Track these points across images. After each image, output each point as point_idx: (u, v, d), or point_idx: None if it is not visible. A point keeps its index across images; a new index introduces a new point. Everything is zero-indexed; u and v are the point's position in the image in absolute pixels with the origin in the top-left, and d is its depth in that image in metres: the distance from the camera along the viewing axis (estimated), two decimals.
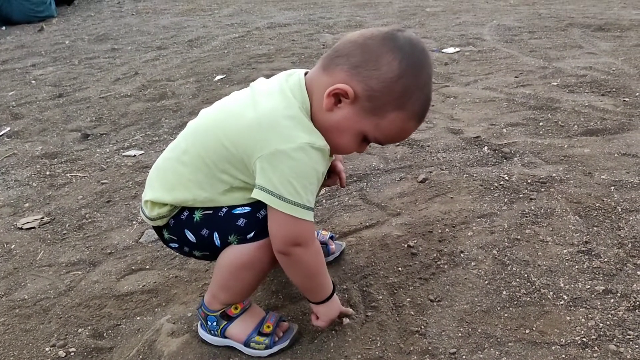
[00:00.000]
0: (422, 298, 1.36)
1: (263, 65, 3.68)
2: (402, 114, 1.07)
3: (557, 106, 2.52)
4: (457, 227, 1.63)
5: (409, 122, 1.10)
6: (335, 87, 1.04)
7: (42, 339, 1.34)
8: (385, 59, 1.03)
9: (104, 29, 5.67)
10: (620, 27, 4.04)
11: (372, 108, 1.06)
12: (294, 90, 1.09)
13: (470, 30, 4.33)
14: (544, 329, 1.21)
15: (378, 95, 1.04)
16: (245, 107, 1.11)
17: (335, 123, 1.08)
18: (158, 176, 1.20)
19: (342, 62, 1.06)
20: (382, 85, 1.03)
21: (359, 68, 1.04)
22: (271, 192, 1.03)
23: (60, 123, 2.96)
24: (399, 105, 1.05)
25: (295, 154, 1.02)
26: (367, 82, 1.04)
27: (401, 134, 1.13)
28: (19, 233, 1.87)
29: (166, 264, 1.60)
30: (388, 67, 1.03)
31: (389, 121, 1.07)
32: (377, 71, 1.03)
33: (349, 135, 1.10)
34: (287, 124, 1.05)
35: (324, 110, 1.07)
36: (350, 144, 1.12)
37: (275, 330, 1.23)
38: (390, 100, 1.05)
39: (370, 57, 1.04)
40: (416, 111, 1.08)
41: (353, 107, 1.06)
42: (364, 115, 1.07)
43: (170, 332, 1.31)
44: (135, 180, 2.18)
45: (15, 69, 4.27)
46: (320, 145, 1.06)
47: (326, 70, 1.08)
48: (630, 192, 1.72)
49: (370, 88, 1.04)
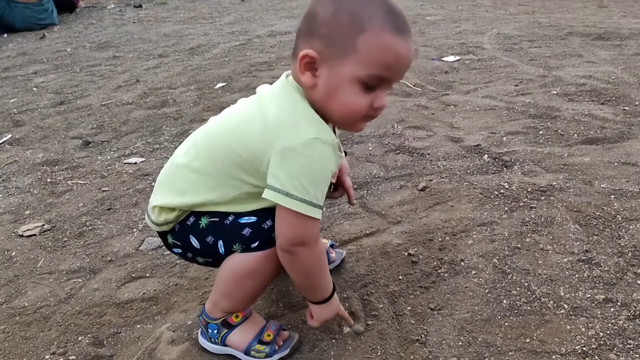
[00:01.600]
0: (422, 307, 1.35)
1: (264, 73, 3.69)
2: (369, 34, 0.98)
3: (557, 115, 2.52)
4: (457, 236, 1.64)
5: (384, 37, 0.99)
6: (300, 58, 1.03)
7: (42, 347, 1.34)
8: (318, 6, 1.03)
9: (105, 37, 5.69)
10: (619, 36, 4.06)
11: (340, 50, 1.00)
12: (293, 85, 1.09)
13: (470, 39, 4.34)
14: (544, 338, 1.21)
15: (333, 35, 1.00)
16: (253, 111, 1.11)
17: (326, 90, 1.04)
18: (168, 182, 1.20)
19: (299, 42, 1.06)
20: (328, 26, 1.00)
21: (308, 32, 1.04)
22: (279, 190, 1.02)
23: (61, 130, 2.97)
24: (358, 30, 0.98)
25: (304, 150, 1.01)
26: (317, 34, 1.02)
27: (388, 54, 1.01)
28: (19, 240, 1.87)
29: (166, 271, 1.61)
30: (323, 9, 1.01)
31: (364, 50, 0.99)
32: (317, 19, 1.02)
33: (346, 92, 1.03)
34: (294, 120, 1.04)
35: (311, 88, 1.05)
36: (354, 99, 1.04)
37: (275, 339, 1.23)
38: (346, 32, 0.99)
39: (310, 17, 1.04)
40: (381, 22, 0.99)
41: (326, 65, 1.02)
42: (339, 62, 1.01)
43: (170, 340, 1.31)
44: (136, 187, 2.18)
45: (17, 76, 4.28)
46: (328, 139, 1.04)
47: (293, 58, 1.08)
48: (630, 201, 1.72)
49: (323, 35, 1.01)
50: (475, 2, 6.74)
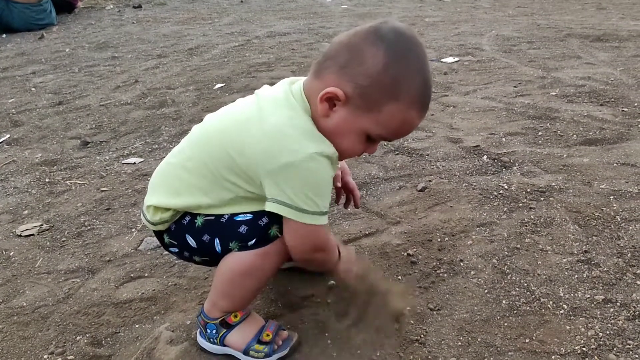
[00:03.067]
0: (421, 307, 1.35)
1: (263, 74, 3.69)
2: (399, 105, 1.03)
3: (556, 116, 2.53)
4: (456, 236, 1.63)
5: (410, 112, 1.05)
6: (326, 92, 1.03)
7: (40, 347, 1.34)
8: (369, 52, 1.01)
9: (104, 37, 5.68)
10: (618, 38, 4.06)
11: (367, 105, 1.03)
12: (297, 98, 1.09)
13: (469, 40, 4.35)
14: (543, 339, 1.21)
15: (368, 90, 1.02)
16: (251, 116, 1.10)
17: (335, 127, 1.07)
18: (162, 182, 1.20)
19: (331, 65, 1.05)
20: (370, 79, 1.01)
21: (346, 68, 1.03)
22: (288, 205, 1.03)
23: (60, 130, 2.96)
24: (393, 97, 1.02)
25: (306, 165, 1.01)
26: (355, 80, 1.02)
27: (405, 126, 1.09)
28: (17, 240, 1.86)
29: (165, 271, 1.60)
30: (372, 60, 1.01)
31: (387, 115, 1.04)
32: (362, 66, 1.01)
33: (351, 137, 1.08)
34: (294, 134, 1.04)
35: (321, 116, 1.07)
36: (354, 145, 1.10)
37: (274, 339, 1.22)
38: (382, 94, 1.02)
39: (355, 54, 1.02)
40: (414, 99, 1.04)
41: (347, 108, 1.05)
42: (360, 114, 1.05)
43: (169, 340, 1.31)
44: (134, 188, 2.18)
45: (15, 77, 4.28)
46: (328, 152, 1.05)
47: (317, 76, 1.08)
48: (629, 202, 1.72)
49: (359, 85, 1.02)
50: (474, 3, 6.74)
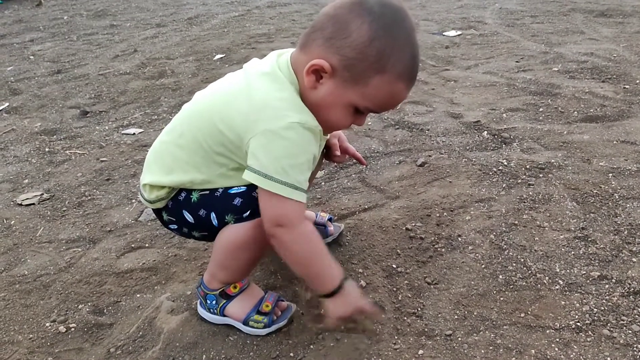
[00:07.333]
0: (419, 281, 1.37)
1: (263, 45, 3.65)
2: (385, 77, 1.02)
3: (557, 92, 2.51)
4: (455, 211, 1.64)
5: (397, 85, 1.04)
6: (312, 64, 1.03)
7: (42, 315, 1.36)
8: (354, 24, 1.00)
9: (102, 5, 5.61)
10: (622, 13, 4.02)
11: (353, 77, 1.03)
12: (284, 71, 1.09)
13: (472, 14, 4.30)
14: (538, 313, 1.23)
15: (354, 62, 1.01)
16: (239, 90, 1.10)
17: (322, 100, 1.06)
18: (156, 160, 1.20)
19: (317, 37, 1.04)
20: (355, 52, 1.00)
21: (332, 39, 1.02)
22: (258, 172, 1.02)
23: (59, 99, 2.95)
24: (379, 69, 1.01)
25: (285, 133, 1.01)
26: (341, 52, 1.01)
27: (392, 99, 1.08)
28: (18, 209, 1.87)
29: (165, 242, 1.61)
30: (357, 33, 1.00)
31: (374, 87, 1.03)
32: (348, 39, 1.01)
33: (338, 110, 1.08)
34: (278, 105, 1.04)
35: (308, 89, 1.06)
36: (342, 118, 1.09)
37: (274, 310, 1.24)
38: (368, 66, 1.01)
39: (341, 26, 1.01)
40: (400, 72, 1.03)
41: (334, 81, 1.04)
42: (347, 86, 1.04)
43: (169, 310, 1.33)
44: (134, 158, 2.18)
45: (13, 44, 4.23)
46: (311, 125, 1.04)
47: (304, 48, 1.07)
48: (627, 180, 1.73)
49: (345, 57, 1.01)
50: None
